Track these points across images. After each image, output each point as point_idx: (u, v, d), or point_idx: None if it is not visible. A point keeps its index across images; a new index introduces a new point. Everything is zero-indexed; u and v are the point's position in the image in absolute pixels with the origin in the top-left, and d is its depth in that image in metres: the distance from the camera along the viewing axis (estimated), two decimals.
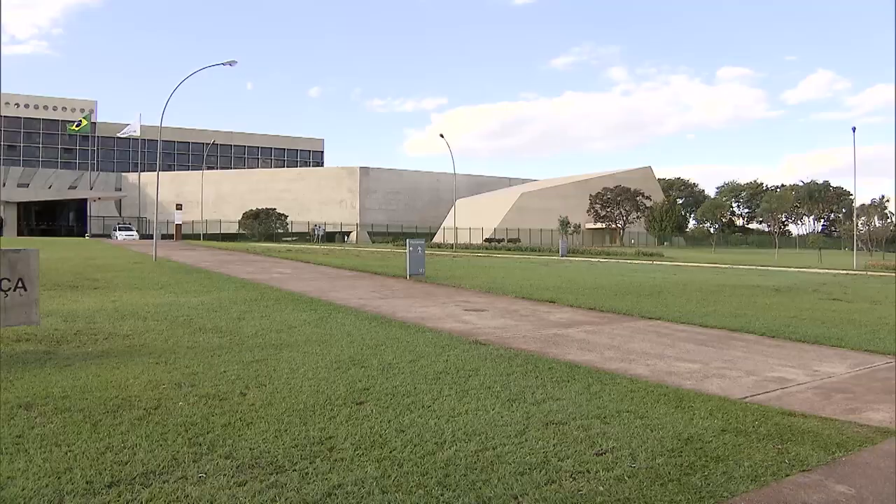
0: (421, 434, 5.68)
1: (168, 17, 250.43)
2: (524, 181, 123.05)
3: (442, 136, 72.11)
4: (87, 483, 4.56)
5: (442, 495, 4.48)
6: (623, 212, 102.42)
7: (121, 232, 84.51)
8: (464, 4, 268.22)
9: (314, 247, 57.08)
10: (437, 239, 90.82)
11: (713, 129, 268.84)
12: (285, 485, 4.58)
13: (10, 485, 4.52)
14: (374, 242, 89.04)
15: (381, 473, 4.81)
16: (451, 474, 4.83)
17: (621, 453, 5.37)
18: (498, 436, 5.69)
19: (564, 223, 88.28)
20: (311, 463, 4.98)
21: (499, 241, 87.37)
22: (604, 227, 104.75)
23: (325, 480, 4.66)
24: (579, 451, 5.39)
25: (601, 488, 4.68)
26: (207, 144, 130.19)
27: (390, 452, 5.23)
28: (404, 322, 12.30)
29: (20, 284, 8.65)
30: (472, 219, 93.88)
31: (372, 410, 6.36)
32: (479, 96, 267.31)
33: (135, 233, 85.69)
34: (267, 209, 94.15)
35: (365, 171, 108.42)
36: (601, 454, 5.33)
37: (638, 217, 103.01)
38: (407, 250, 23.56)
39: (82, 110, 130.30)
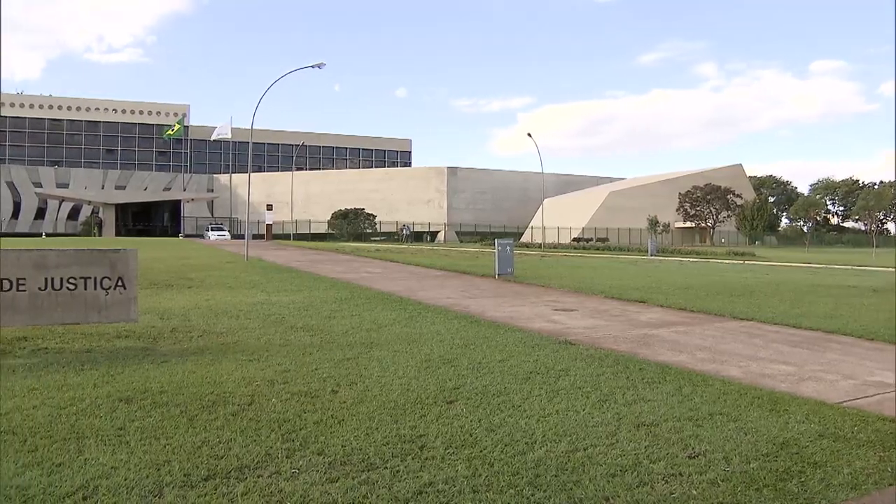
0: (511, 434, 5.67)
1: (256, 22, 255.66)
2: (612, 180, 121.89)
3: (529, 135, 71.80)
4: (184, 475, 4.68)
5: (533, 495, 4.47)
6: (713, 211, 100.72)
7: (213, 232, 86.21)
8: (549, 3, 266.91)
9: (402, 246, 57.44)
10: (525, 238, 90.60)
11: (806, 124, 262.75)
12: (377, 482, 4.62)
13: (113, 474, 4.68)
14: (461, 242, 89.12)
15: (472, 472, 4.81)
16: (542, 475, 4.81)
17: (714, 456, 5.27)
18: (589, 437, 5.65)
19: (653, 222, 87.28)
20: (402, 461, 5.02)
21: (587, 240, 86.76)
22: (693, 226, 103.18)
23: (416, 478, 4.69)
24: (671, 453, 5.32)
25: (694, 492, 4.61)
26: (297, 146, 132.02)
27: (481, 451, 5.23)
28: (493, 321, 12.29)
29: (120, 283, 8.92)
30: (560, 218, 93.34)
31: (462, 409, 6.38)
32: (565, 95, 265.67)
33: (227, 233, 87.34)
34: (355, 209, 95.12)
35: (452, 170, 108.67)
36: (694, 457, 5.25)
37: (728, 216, 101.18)
38: (495, 250, 23.53)
39: (175, 114, 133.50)
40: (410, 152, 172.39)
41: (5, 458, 4.96)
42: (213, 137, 39.71)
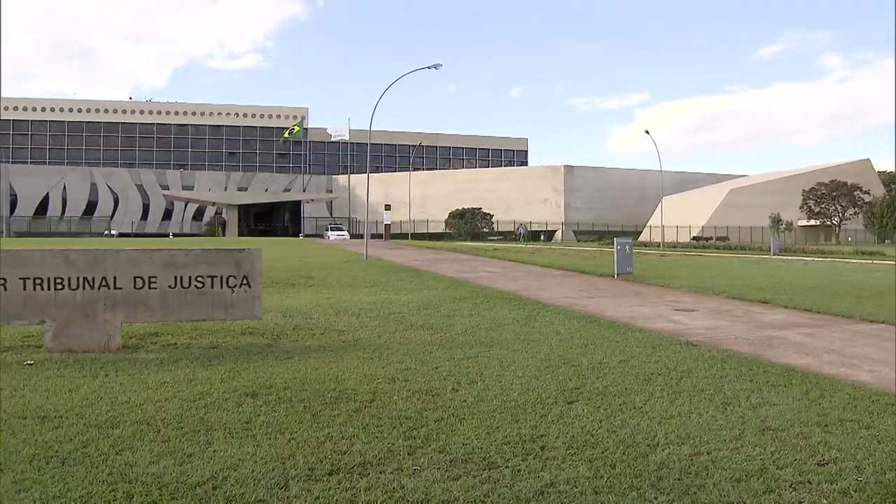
0: (633, 435, 5.60)
1: (372, 24, 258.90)
2: (732, 177, 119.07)
3: (647, 132, 70.90)
4: (309, 469, 4.78)
5: (655, 499, 4.40)
6: (839, 208, 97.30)
7: (332, 232, 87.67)
8: None
9: (519, 246, 57.39)
10: (643, 237, 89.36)
11: None
12: (498, 481, 4.63)
13: (240, 466, 4.81)
14: (578, 241, 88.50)
15: (594, 473, 4.78)
16: (665, 478, 4.74)
17: (845, 465, 5.07)
18: (712, 440, 5.53)
19: (776, 220, 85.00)
20: (523, 460, 5.01)
21: (706, 239, 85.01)
22: (818, 224, 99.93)
23: (537, 478, 4.68)
24: (799, 459, 5.15)
25: (825, 501, 4.45)
26: (414, 146, 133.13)
27: (602, 453, 5.18)
28: (613, 321, 12.17)
29: (245, 282, 9.17)
30: (679, 217, 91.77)
31: (583, 410, 6.33)
32: (683, 91, 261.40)
33: (346, 233, 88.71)
34: (472, 209, 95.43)
35: (569, 169, 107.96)
36: (823, 464, 5.07)
37: (855, 213, 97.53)
38: (615, 249, 23.29)
39: (295, 117, 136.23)
40: (527, 151, 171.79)
41: (140, 448, 5.16)
42: (329, 135, 40.40)
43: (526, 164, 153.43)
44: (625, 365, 8.36)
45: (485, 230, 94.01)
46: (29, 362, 8.21)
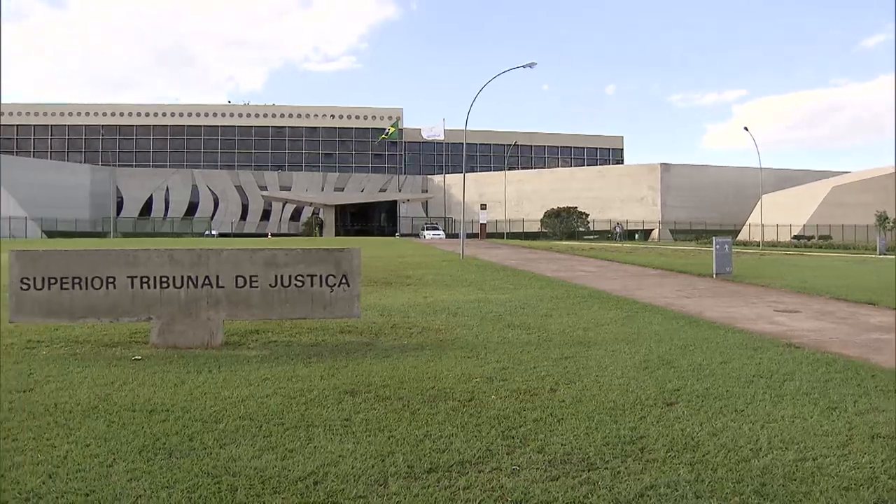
0: (734, 439, 5.48)
1: (464, 24, 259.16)
2: (834, 174, 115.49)
3: (746, 128, 69.47)
4: (408, 467, 4.82)
5: None
6: None
7: (428, 231, 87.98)
8: None
9: (615, 245, 56.83)
10: (742, 236, 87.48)
11: None
12: (597, 482, 4.59)
13: (340, 462, 4.88)
14: (675, 240, 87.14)
15: (695, 477, 4.70)
16: (768, 483, 4.63)
17: None
18: (818, 446, 5.37)
19: (882, 219, 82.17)
20: (622, 462, 4.96)
21: (808, 238, 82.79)
22: None
23: (637, 480, 4.63)
24: None
25: None
26: (509, 146, 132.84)
27: (703, 456, 5.10)
28: (713, 322, 11.95)
29: (344, 280, 9.29)
30: (779, 215, 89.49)
31: (683, 412, 6.23)
32: (782, 85, 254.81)
33: (441, 232, 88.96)
34: (568, 208, 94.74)
35: (666, 167, 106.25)
36: None
37: None
38: (713, 248, 22.88)
39: (390, 118, 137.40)
40: (622, 150, 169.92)
41: (243, 442, 5.28)
42: (425, 136, 40.59)
43: (621, 163, 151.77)
44: (725, 367, 8.20)
45: (580, 229, 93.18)
46: (137, 357, 8.47)
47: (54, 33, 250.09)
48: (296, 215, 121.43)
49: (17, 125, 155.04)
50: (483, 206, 68.85)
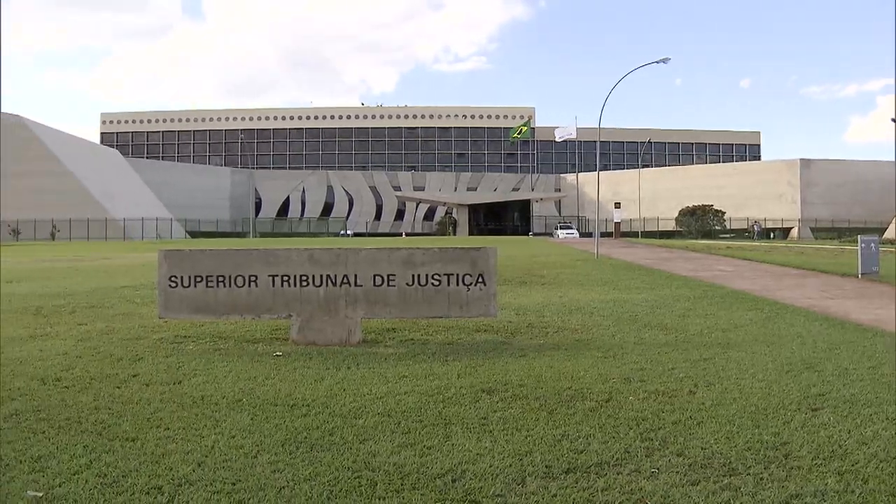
0: (886, 448, 5.21)
1: (596, 21, 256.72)
2: None
3: (894, 120, 66.54)
4: (546, 467, 4.79)
5: None
6: None
7: (562, 230, 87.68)
8: None
9: (753, 244, 55.29)
10: (889, 234, 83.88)
11: None
12: (739, 488, 4.46)
13: (478, 461, 4.90)
14: (816, 239, 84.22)
15: (844, 487, 4.50)
16: None
17: None
18: None
19: None
20: (765, 468, 4.81)
21: None
22: None
23: (781, 488, 4.48)
24: None
25: None
26: (642, 143, 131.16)
27: (852, 465, 4.88)
28: (859, 324, 11.45)
29: (480, 280, 9.32)
30: None
31: (829, 418, 5.99)
32: None
33: (575, 231, 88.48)
34: (703, 206, 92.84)
35: (805, 163, 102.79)
36: None
37: None
38: (858, 246, 21.97)
39: (521, 117, 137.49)
40: (759, 145, 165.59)
41: (382, 438, 5.36)
42: (558, 138, 40.37)
43: (758, 159, 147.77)
44: (874, 372, 7.85)
45: (716, 228, 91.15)
46: (278, 353, 8.71)
47: (194, 44, 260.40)
48: (429, 215, 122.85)
49: (163, 131, 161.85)
50: (617, 205, 68.09)
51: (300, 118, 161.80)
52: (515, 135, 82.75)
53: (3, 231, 76.14)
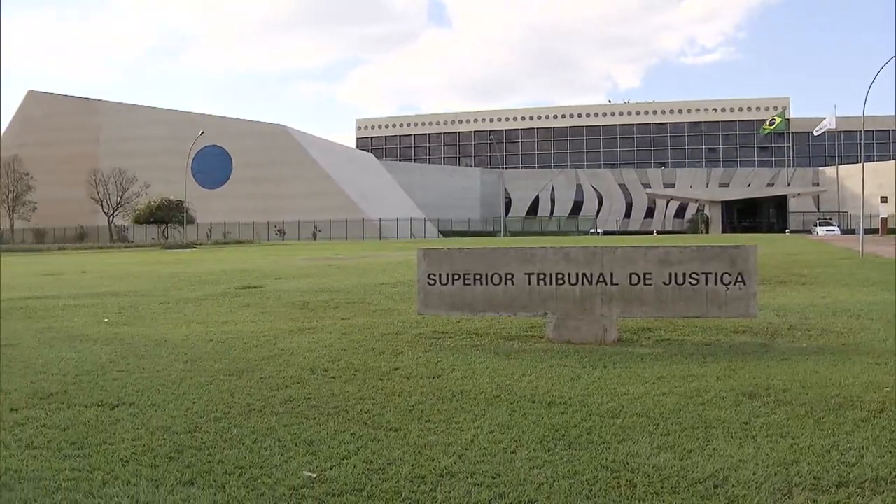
0: None
1: (855, 5, 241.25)
2: None
3: None
4: (814, 479, 4.54)
5: None
6: None
7: (821, 227, 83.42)
8: None
9: None
10: None
11: None
12: None
13: (741, 468, 4.72)
14: None
15: None
16: None
17: None
18: None
19: None
20: None
21: None
22: None
23: None
24: None
25: None
26: None
27: None
28: None
29: (739, 279, 9.01)
30: None
31: None
32: None
33: (836, 228, 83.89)
34: None
35: None
36: None
37: None
38: None
39: (775, 108, 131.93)
40: None
41: (640, 439, 5.30)
42: (817, 131, 38.52)
43: None
44: None
45: None
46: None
47: (440, 49, 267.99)
48: (680, 212, 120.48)
49: (414, 134, 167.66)
50: (883, 199, 64.05)
51: (547, 117, 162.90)
52: (768, 126, 79.40)
53: (269, 231, 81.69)
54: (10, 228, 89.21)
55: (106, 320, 12.40)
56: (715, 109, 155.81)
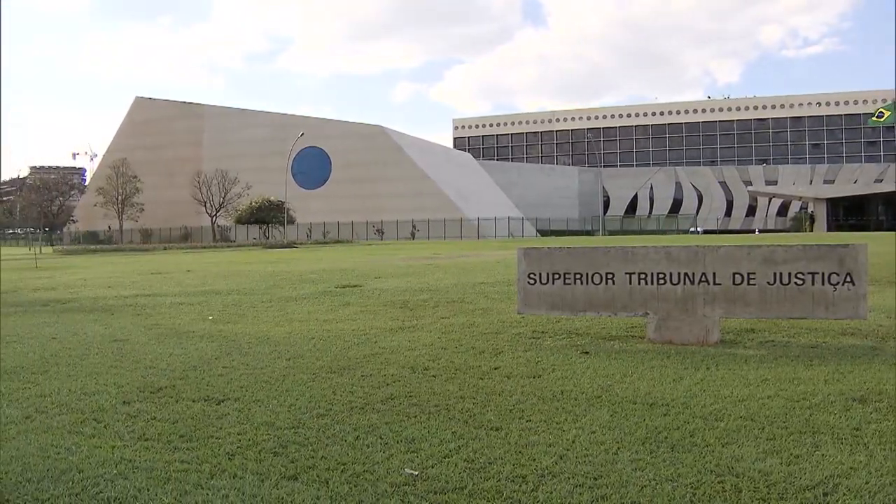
0: None
1: None
2: None
3: None
4: None
5: None
6: None
7: None
8: None
9: None
10: None
11: None
12: None
13: (852, 475, 4.59)
14: None
15: None
16: None
17: None
18: None
19: None
20: None
21: None
22: None
23: None
24: None
25: None
26: None
27: None
28: None
29: (848, 279, 8.73)
30: None
31: None
32: None
33: None
34: None
35: None
36: None
37: None
38: None
39: (883, 100, 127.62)
40: None
41: (745, 443, 5.19)
42: None
43: None
44: None
45: None
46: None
47: (535, 48, 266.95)
48: (782, 210, 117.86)
49: (511, 134, 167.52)
50: None
51: (645, 115, 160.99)
52: (875, 118, 76.73)
53: (368, 231, 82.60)
54: (119, 229, 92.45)
55: (210, 318, 12.73)
56: (819, 103, 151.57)
